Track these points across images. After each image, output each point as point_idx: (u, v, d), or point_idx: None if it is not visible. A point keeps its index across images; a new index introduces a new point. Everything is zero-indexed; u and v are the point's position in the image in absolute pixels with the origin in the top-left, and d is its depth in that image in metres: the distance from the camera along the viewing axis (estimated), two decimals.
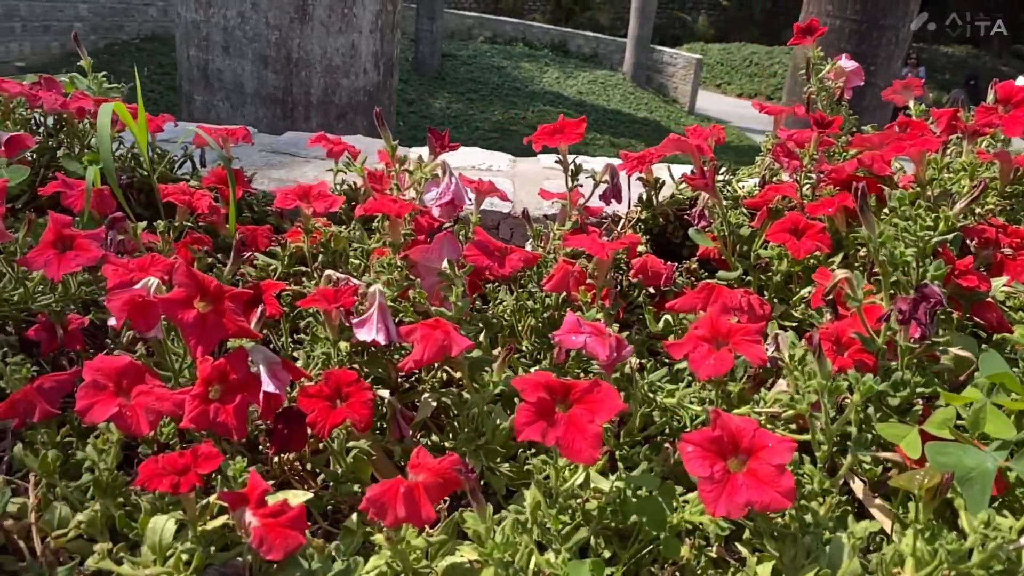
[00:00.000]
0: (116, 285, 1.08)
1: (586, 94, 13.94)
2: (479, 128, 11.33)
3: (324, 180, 1.76)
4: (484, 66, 14.06)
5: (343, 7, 3.22)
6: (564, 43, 15.58)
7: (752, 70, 16.92)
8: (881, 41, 5.86)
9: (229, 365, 0.92)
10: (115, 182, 1.21)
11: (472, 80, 13.28)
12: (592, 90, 14.13)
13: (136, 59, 10.82)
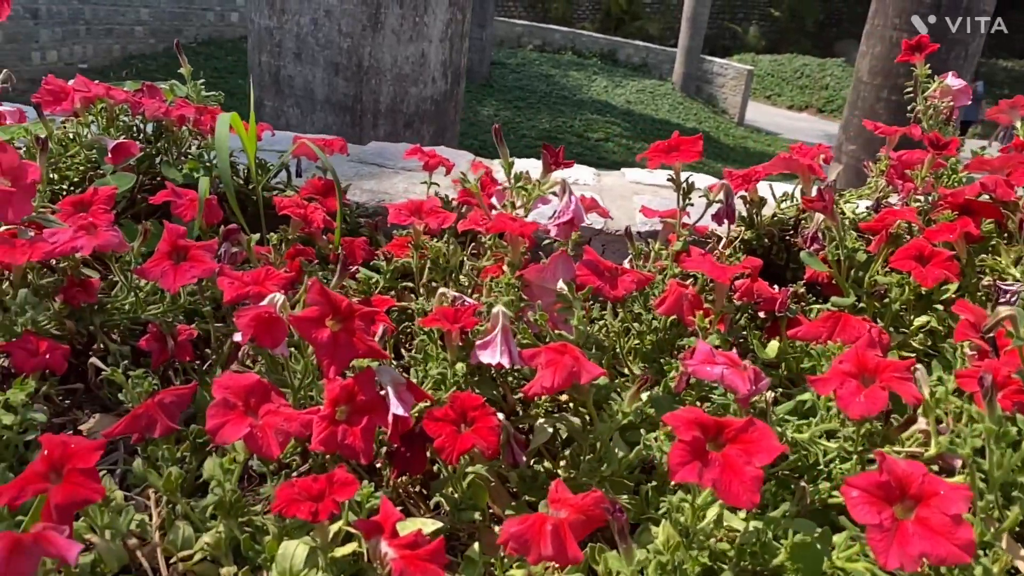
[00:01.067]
0: (232, 299, 1.07)
1: (634, 103, 13.86)
2: (526, 136, 11.32)
3: (415, 192, 1.75)
4: (532, 74, 14.06)
5: (415, 16, 3.22)
6: (613, 52, 15.52)
7: (803, 82, 16.66)
8: (950, 56, 5.70)
9: (356, 386, 0.90)
10: (233, 194, 1.20)
11: (520, 88, 13.28)
12: (640, 99, 14.04)
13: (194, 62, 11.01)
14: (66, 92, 1.42)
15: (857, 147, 6.05)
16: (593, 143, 11.84)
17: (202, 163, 1.50)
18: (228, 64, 11.16)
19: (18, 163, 1.09)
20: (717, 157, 12.38)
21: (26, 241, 1.08)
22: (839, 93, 16.10)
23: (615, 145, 11.90)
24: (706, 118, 14.09)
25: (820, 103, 16.06)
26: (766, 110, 16.26)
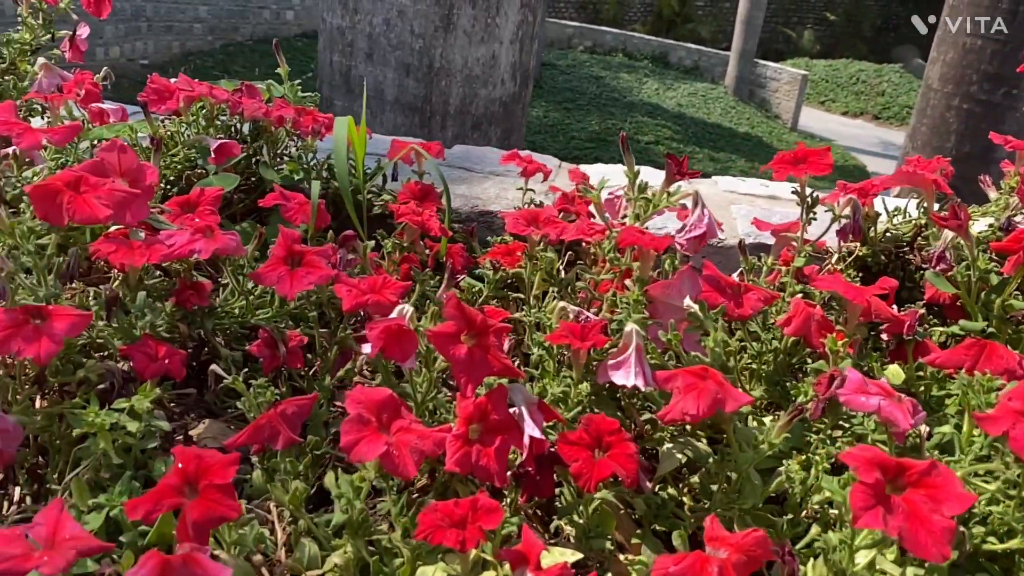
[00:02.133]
0: (352, 307, 1.04)
1: (686, 107, 13.68)
2: (575, 138, 11.26)
3: (507, 198, 1.71)
4: (582, 76, 13.98)
5: (487, 17, 3.19)
6: (665, 55, 15.35)
7: (859, 88, 16.29)
8: None
9: (490, 405, 0.86)
10: (350, 200, 1.17)
11: (570, 89, 13.21)
12: (692, 103, 13.86)
13: (249, 60, 11.21)
14: (171, 91, 1.42)
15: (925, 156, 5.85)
16: (643, 146, 11.71)
17: (302, 165, 1.48)
18: None
19: (137, 165, 1.07)
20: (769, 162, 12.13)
21: (142, 243, 1.06)
22: (896, 100, 15.71)
23: (666, 148, 11.77)
24: (759, 123, 13.85)
25: (876, 109, 15.67)
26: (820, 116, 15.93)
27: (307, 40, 12.18)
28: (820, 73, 16.83)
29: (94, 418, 0.87)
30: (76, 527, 0.74)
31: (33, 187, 0.91)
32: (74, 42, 1.71)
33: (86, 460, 0.92)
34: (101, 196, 0.94)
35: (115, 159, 1.06)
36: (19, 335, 0.88)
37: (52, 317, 0.90)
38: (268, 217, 1.51)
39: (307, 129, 1.47)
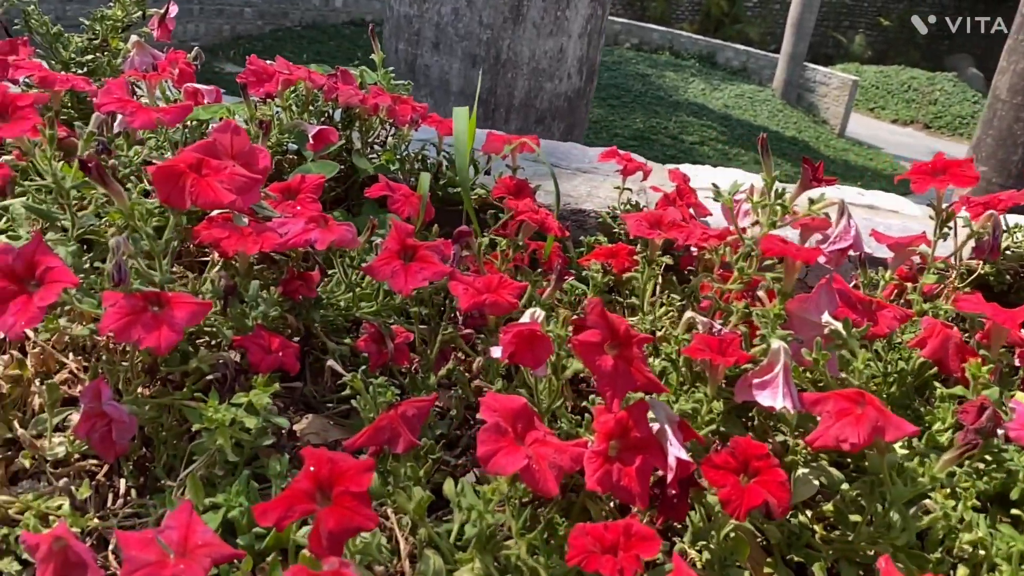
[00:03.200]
0: (469, 307, 0.99)
1: (732, 108, 13.49)
2: (619, 135, 11.14)
3: (599, 196, 1.65)
4: (628, 73, 13.85)
5: (556, 9, 3.12)
6: (712, 55, 15.14)
7: (910, 95, 15.93)
8: None
9: (631, 421, 0.81)
10: (468, 193, 1.12)
11: (615, 86, 13.08)
12: (739, 104, 13.66)
13: (297, 45, 11.25)
14: (270, 74, 1.38)
15: (989, 168, 5.69)
16: (688, 146, 11.57)
17: (397, 155, 1.44)
18: (330, 48, 11.33)
19: (249, 147, 1.03)
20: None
21: (254, 230, 1.03)
22: (948, 109, 15.34)
23: (710, 149, 11.61)
24: (806, 127, 13.61)
25: (927, 118, 15.32)
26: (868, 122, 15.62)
27: (355, 28, 12.22)
28: (870, 79, 16.50)
29: (214, 413, 0.84)
30: (207, 532, 0.70)
31: (156, 168, 0.87)
32: (163, 20, 1.68)
33: (199, 456, 0.89)
34: (223, 180, 0.90)
35: (228, 140, 1.02)
36: (138, 322, 0.84)
37: (171, 305, 0.86)
38: (360, 207, 1.47)
39: (404, 118, 1.42)
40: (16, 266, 0.85)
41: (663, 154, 10.93)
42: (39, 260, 0.86)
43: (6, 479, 0.92)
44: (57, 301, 0.83)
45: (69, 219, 0.98)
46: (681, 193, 1.44)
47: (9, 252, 0.86)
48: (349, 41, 11.74)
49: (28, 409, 0.97)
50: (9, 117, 0.88)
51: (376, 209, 1.47)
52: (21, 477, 0.93)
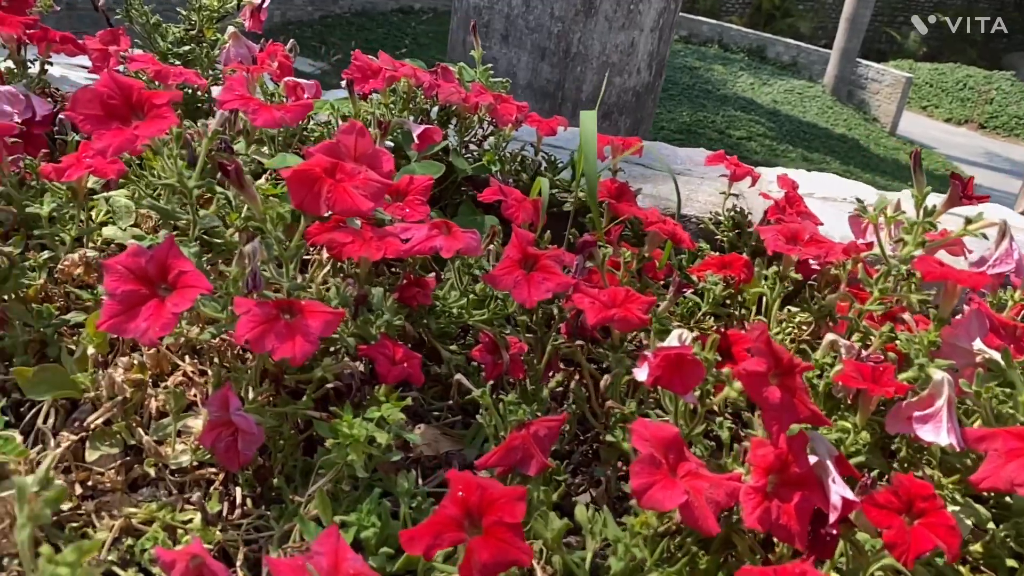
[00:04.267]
0: (596, 323, 0.95)
1: (780, 103, 13.25)
2: (664, 128, 11.00)
3: (698, 200, 1.60)
4: (676, 66, 13.65)
5: (629, 3, 3.06)
6: (762, 49, 14.87)
7: (965, 94, 15.49)
8: None
9: (792, 455, 0.76)
10: (596, 202, 1.08)
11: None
12: (788, 100, 13.41)
13: (346, 32, 11.27)
14: (375, 70, 1.35)
15: None
16: (735, 141, 11.39)
17: (499, 154, 1.40)
18: (378, 36, 11.34)
19: (372, 149, 1.00)
20: (866, 167, 11.69)
21: (374, 235, 0.99)
22: (1005, 109, 14.90)
23: (758, 145, 11.43)
24: (856, 125, 13.32)
25: (983, 118, 14.89)
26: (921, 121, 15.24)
27: (402, 15, 12.21)
28: (924, 76, 16.09)
29: (349, 429, 0.81)
30: (357, 559, 0.67)
31: (292, 173, 0.84)
32: (256, 11, 1.66)
33: (323, 468, 0.86)
34: (359, 185, 0.87)
35: (352, 143, 0.99)
36: (272, 331, 0.82)
37: (304, 313, 0.83)
38: (456, 207, 1.44)
39: (508, 118, 1.38)
40: (149, 269, 0.83)
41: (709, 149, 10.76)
42: (172, 264, 0.83)
43: (125, 485, 0.90)
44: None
45: (190, 218, 0.96)
46: (791, 201, 1.38)
47: (142, 255, 0.83)
48: (397, 28, 11.74)
49: (145, 412, 0.95)
50: (145, 115, 0.86)
51: (472, 209, 1.44)
52: (140, 484, 0.92)
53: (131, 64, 1.20)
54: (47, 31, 1.41)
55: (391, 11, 12.02)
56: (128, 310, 0.82)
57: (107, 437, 0.90)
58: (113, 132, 0.85)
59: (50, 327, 0.97)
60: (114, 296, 0.82)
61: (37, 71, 1.45)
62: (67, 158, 1.06)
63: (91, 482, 0.89)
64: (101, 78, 0.87)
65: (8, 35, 1.36)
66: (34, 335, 0.98)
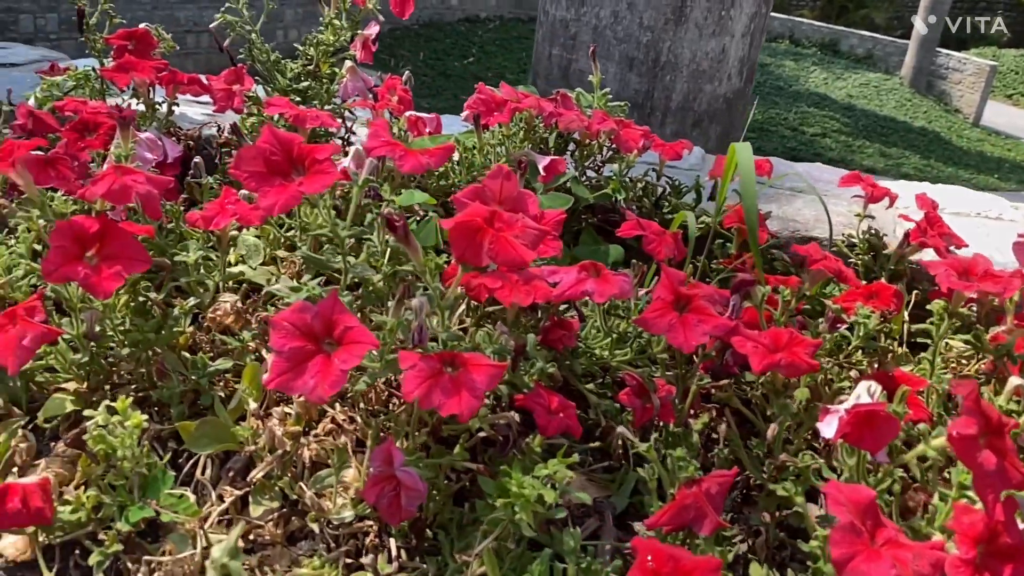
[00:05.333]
0: (762, 369, 0.91)
1: (856, 98, 12.82)
2: None
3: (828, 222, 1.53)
4: None
5: (720, 9, 2.98)
6: (835, 42, 14.43)
7: None
8: None
9: (1002, 524, 0.70)
10: (756, 240, 1.04)
11: None
12: (863, 94, 12.97)
13: (414, 43, 11.41)
14: (499, 102, 1.33)
15: None
16: (808, 138, 11.08)
17: (623, 183, 1.37)
18: (446, 46, 11.44)
19: (518, 192, 0.98)
20: (948, 161, 11.22)
21: (522, 278, 0.97)
22: None
23: (833, 141, 11.09)
24: (936, 117, 12.79)
25: None
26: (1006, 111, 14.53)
27: (468, 24, 12.29)
28: (1009, 64, 15.35)
29: (519, 488, 0.78)
30: None
31: (455, 224, 0.83)
32: (366, 43, 1.67)
33: (488, 526, 0.84)
34: (519, 234, 0.85)
35: (498, 186, 0.98)
36: (437, 386, 0.80)
37: (467, 367, 0.82)
38: (576, 237, 1.41)
39: (633, 144, 1.35)
40: (314, 325, 0.83)
41: (783, 146, 10.50)
42: (337, 319, 0.83)
43: (283, 539, 0.90)
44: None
45: (342, 266, 0.96)
46: (931, 221, 1.30)
47: (307, 311, 0.83)
48: (464, 38, 11.82)
49: (298, 461, 0.95)
50: (306, 170, 0.86)
51: (594, 238, 1.41)
52: (298, 536, 0.92)
53: (268, 108, 1.21)
54: (175, 73, 1.44)
55: (457, 21, 12.12)
56: (295, 367, 0.81)
57: (267, 491, 0.90)
58: (277, 189, 0.85)
59: (204, 377, 0.99)
60: (281, 353, 0.82)
61: (165, 112, 1.49)
62: (211, 205, 1.08)
63: (252, 535, 0.90)
64: (262, 134, 0.87)
65: (141, 80, 1.40)
66: (189, 385, 0.99)
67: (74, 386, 1.01)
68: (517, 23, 12.68)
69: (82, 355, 0.98)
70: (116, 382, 1.02)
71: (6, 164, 0.91)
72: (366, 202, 1.11)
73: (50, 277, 0.87)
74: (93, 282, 0.88)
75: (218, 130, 1.61)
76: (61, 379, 1.00)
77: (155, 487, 0.84)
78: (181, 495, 0.83)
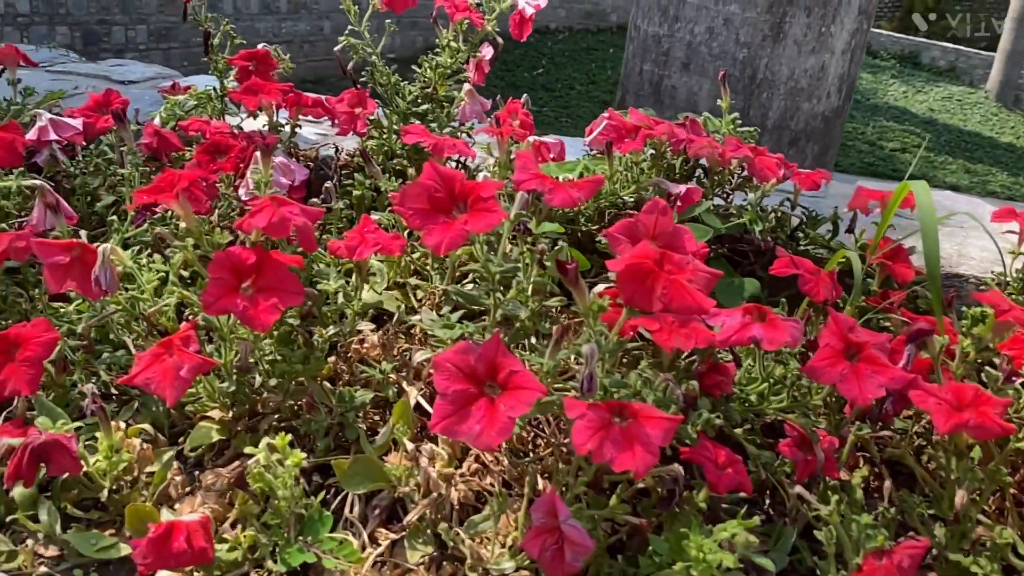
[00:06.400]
0: (948, 430, 0.84)
1: (937, 112, 12.38)
2: None
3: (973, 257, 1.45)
4: None
5: (821, 25, 2.89)
6: (915, 54, 13.99)
7: None
8: None
9: None
10: (938, 287, 0.97)
11: None
12: (946, 108, 12.53)
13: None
14: (629, 129, 1.29)
15: None
16: (887, 153, 10.74)
17: (759, 214, 1.31)
18: (515, 57, 11.46)
19: (673, 228, 0.94)
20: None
21: (677, 321, 0.93)
22: None
23: (913, 157, 10.72)
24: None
25: None
26: None
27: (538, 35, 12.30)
28: None
29: (698, 552, 0.74)
30: None
31: (626, 267, 0.79)
32: (479, 64, 1.65)
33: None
34: (691, 279, 0.81)
35: (652, 221, 0.93)
36: (608, 439, 0.76)
37: (639, 418, 0.78)
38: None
39: (771, 173, 1.29)
40: (478, 367, 0.80)
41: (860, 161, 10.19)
42: (501, 363, 0.80)
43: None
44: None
45: (491, 303, 0.93)
46: None
47: (470, 352, 0.80)
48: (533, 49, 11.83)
49: (446, 503, 0.93)
50: (469, 208, 0.84)
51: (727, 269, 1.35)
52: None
53: (406, 136, 1.20)
54: (300, 95, 1.45)
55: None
56: (459, 410, 0.79)
57: (420, 534, 0.87)
58: (442, 227, 0.82)
59: (351, 410, 0.97)
60: (446, 396, 0.79)
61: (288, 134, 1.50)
62: (352, 235, 1.06)
63: None
64: (425, 170, 0.85)
65: (269, 102, 1.40)
66: (334, 418, 0.98)
67: (219, 415, 1.00)
68: (586, 34, 12.63)
69: (228, 384, 0.97)
70: (259, 411, 1.02)
71: (171, 195, 0.91)
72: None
73: (209, 309, 0.87)
74: (251, 315, 0.87)
75: (336, 151, 1.61)
76: (208, 407, 0.99)
77: (314, 528, 0.82)
78: (342, 540, 0.81)
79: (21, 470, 0.84)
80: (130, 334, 1.09)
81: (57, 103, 1.76)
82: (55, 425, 0.91)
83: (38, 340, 0.94)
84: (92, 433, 0.95)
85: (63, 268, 0.96)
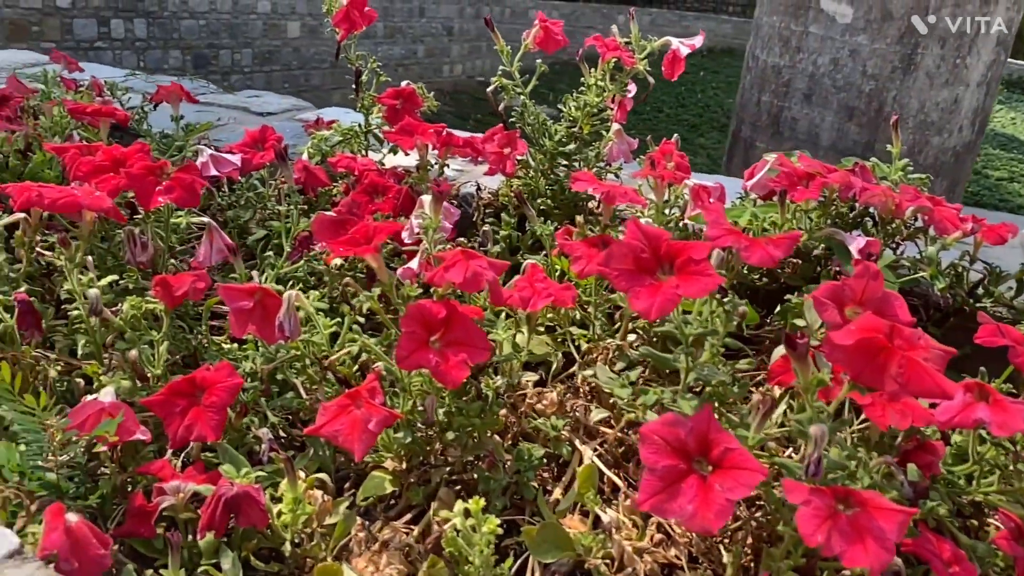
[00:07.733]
0: None
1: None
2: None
3: None
4: None
5: (955, 57, 2.75)
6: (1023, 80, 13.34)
7: None
8: None
9: None
10: None
11: None
12: None
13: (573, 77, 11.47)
14: (801, 176, 1.23)
15: None
16: (993, 183, 10.24)
17: (940, 270, 1.23)
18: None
19: (883, 293, 0.88)
20: None
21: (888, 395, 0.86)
22: None
23: (1022, 187, 10.19)
24: None
25: None
26: None
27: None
28: None
29: None
30: None
31: (855, 341, 0.74)
32: (623, 103, 1.62)
33: None
34: (927, 357, 0.74)
35: (862, 285, 0.87)
36: (836, 530, 0.71)
37: (867, 508, 0.72)
38: None
39: (951, 225, 1.21)
40: (688, 441, 0.76)
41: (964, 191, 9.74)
42: (714, 439, 0.75)
43: None
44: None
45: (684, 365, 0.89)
46: None
47: (680, 425, 0.76)
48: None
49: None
50: (675, 269, 0.80)
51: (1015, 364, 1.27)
52: None
53: (575, 184, 1.18)
54: (451, 136, 1.45)
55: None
56: (668, 487, 0.75)
57: None
58: (650, 289, 0.79)
59: (530, 469, 0.94)
60: (654, 471, 0.75)
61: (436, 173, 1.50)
62: (522, 284, 1.04)
63: None
64: (629, 229, 0.82)
65: (423, 143, 1.41)
66: (510, 475, 0.95)
67: (392, 465, 0.99)
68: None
69: (405, 435, 0.96)
70: (431, 463, 1.00)
71: (371, 249, 0.90)
72: None
73: (403, 364, 0.85)
74: (443, 370, 0.85)
75: (477, 189, 1.60)
76: (384, 458, 0.98)
77: None
78: None
79: (214, 521, 0.84)
80: (297, 376, 1.09)
81: (205, 135, 1.81)
82: (239, 474, 0.91)
83: (223, 385, 0.94)
84: (269, 481, 0.95)
85: (246, 313, 0.97)
